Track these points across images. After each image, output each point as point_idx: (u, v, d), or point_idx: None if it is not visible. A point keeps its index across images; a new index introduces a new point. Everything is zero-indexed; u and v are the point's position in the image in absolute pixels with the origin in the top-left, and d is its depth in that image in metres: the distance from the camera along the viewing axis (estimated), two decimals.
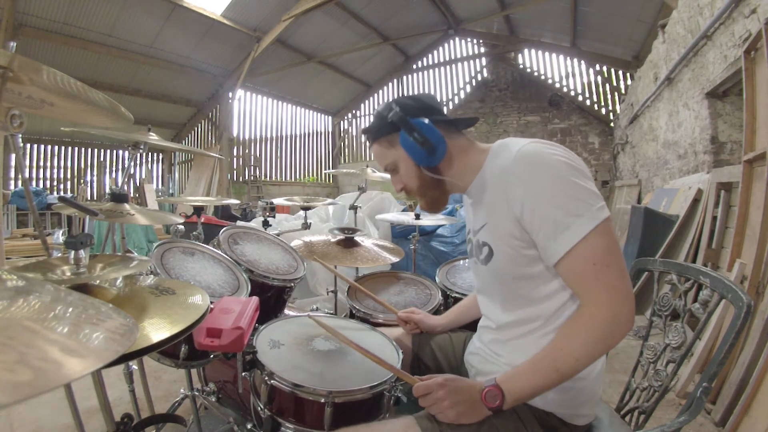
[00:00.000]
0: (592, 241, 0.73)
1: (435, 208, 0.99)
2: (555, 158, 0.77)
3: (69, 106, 1.03)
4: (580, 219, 0.73)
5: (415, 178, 0.95)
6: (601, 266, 0.73)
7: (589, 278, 0.74)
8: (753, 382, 1.61)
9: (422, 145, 0.88)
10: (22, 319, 0.37)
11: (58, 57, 7.28)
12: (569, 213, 0.74)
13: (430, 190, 0.95)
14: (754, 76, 2.32)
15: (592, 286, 0.74)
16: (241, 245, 1.45)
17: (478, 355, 0.98)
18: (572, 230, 0.73)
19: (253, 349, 0.93)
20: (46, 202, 7.59)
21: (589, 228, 0.73)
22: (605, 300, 0.73)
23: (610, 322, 0.73)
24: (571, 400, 0.83)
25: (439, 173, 0.93)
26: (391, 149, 0.95)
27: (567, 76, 9.95)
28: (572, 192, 0.75)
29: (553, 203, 0.75)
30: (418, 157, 0.90)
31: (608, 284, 0.73)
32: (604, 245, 0.73)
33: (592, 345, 0.73)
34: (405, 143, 0.90)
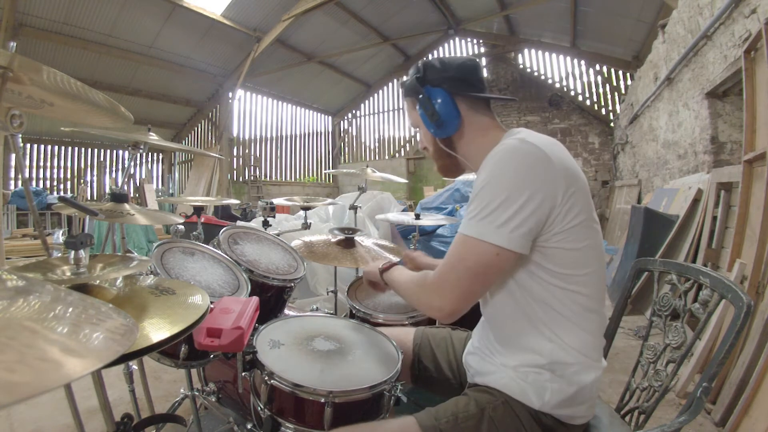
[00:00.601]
0: (467, 245, 0.79)
1: (447, 175, 1.03)
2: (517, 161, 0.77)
3: (69, 106, 1.03)
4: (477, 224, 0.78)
5: (430, 142, 0.98)
6: (457, 264, 0.80)
7: (447, 259, 0.82)
8: (753, 382, 1.61)
9: (430, 117, 0.89)
10: (22, 319, 0.37)
11: (58, 57, 7.28)
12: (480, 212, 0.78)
13: (441, 158, 0.98)
14: (754, 76, 2.32)
15: (443, 264, 0.82)
16: (241, 245, 1.45)
17: (476, 354, 0.98)
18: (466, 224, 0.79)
19: (253, 349, 0.93)
20: (46, 202, 7.60)
21: (470, 234, 0.78)
22: (435, 283, 0.83)
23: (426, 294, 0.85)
24: (569, 400, 0.83)
25: (451, 147, 0.94)
26: (413, 111, 0.97)
27: (567, 76, 9.95)
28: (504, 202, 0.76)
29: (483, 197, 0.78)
30: (428, 126, 0.92)
31: (445, 277, 0.81)
32: (472, 259, 0.78)
33: (410, 294, 0.92)
34: (421, 110, 0.92)
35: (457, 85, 0.90)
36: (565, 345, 0.82)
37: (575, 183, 0.79)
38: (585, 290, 0.82)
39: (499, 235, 0.75)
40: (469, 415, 0.83)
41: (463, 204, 3.71)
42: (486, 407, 0.84)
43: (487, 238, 0.76)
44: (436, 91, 0.89)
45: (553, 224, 0.77)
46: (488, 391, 0.87)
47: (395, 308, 1.50)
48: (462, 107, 0.90)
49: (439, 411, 0.85)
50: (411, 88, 0.93)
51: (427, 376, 1.12)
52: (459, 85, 0.90)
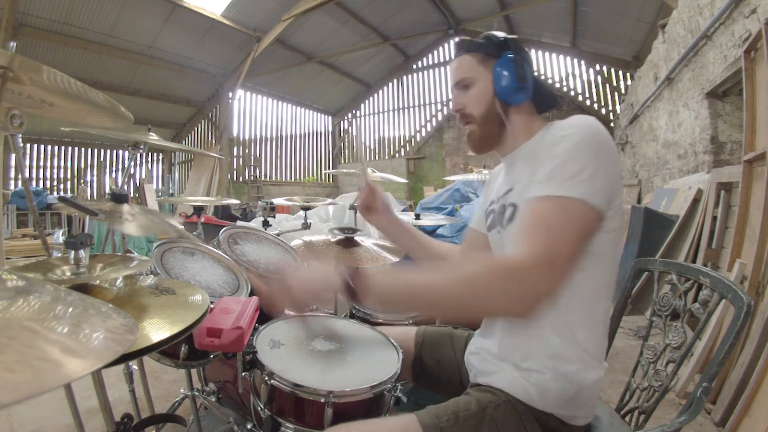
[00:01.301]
0: (570, 207, 0.72)
1: (481, 144, 0.97)
2: (606, 139, 0.78)
3: (69, 106, 1.03)
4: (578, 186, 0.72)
5: (484, 104, 0.93)
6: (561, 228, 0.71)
7: (535, 229, 0.72)
8: (753, 382, 1.61)
9: (519, 79, 0.89)
10: (22, 319, 0.37)
11: (58, 57, 7.29)
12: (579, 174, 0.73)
13: (490, 123, 0.94)
14: (754, 76, 2.32)
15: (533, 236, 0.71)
16: (241, 245, 1.45)
17: (478, 354, 0.98)
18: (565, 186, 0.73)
19: (253, 349, 0.93)
20: (46, 202, 7.60)
21: (576, 195, 0.72)
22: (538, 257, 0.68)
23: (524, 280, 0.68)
24: (571, 400, 0.83)
25: (507, 114, 0.93)
26: (479, 66, 0.93)
27: (567, 76, 9.96)
28: (598, 167, 0.74)
29: (576, 159, 0.75)
30: (504, 87, 0.90)
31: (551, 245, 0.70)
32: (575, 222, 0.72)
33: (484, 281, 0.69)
34: (501, 68, 0.90)
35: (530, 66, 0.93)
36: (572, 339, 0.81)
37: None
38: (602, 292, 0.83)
39: (598, 198, 0.73)
40: (470, 414, 0.82)
41: (464, 204, 3.71)
42: (487, 406, 0.83)
43: (593, 199, 0.72)
44: (525, 59, 0.91)
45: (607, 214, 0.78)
46: (490, 390, 0.87)
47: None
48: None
49: (440, 410, 0.85)
50: (498, 44, 0.92)
51: (429, 375, 1.12)
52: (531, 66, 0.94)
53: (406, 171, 12.17)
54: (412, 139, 12.81)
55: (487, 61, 0.93)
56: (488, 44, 0.93)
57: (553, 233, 0.70)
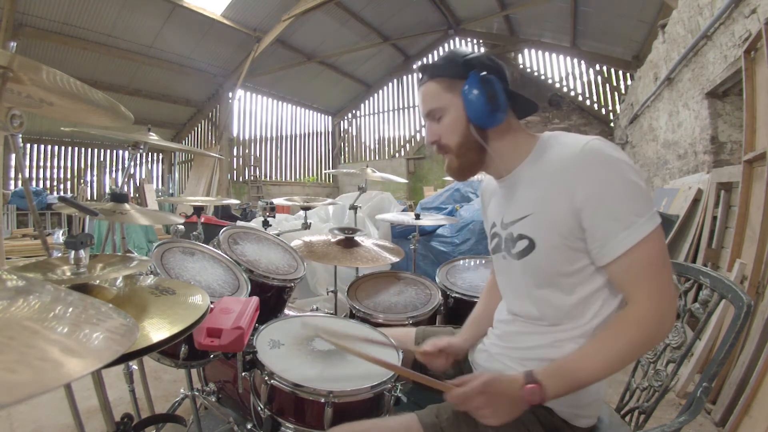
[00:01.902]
0: (651, 242, 0.74)
1: (463, 174, 0.91)
2: (621, 158, 0.77)
3: (69, 105, 1.03)
4: (642, 219, 0.74)
5: (458, 133, 0.87)
6: (657, 266, 0.74)
7: (643, 278, 0.74)
8: (753, 382, 1.61)
9: (490, 100, 0.81)
10: (22, 319, 0.37)
11: (58, 57, 7.28)
12: (633, 212, 0.74)
13: (469, 152, 0.88)
14: (754, 76, 2.32)
15: (645, 286, 0.74)
16: (241, 245, 1.45)
17: (486, 351, 0.97)
18: (634, 229, 0.73)
19: (253, 349, 0.93)
20: (46, 202, 7.59)
21: (650, 229, 0.73)
22: (656, 300, 0.73)
23: (658, 322, 0.73)
24: (574, 400, 0.82)
25: (486, 140, 0.87)
26: (447, 93, 0.86)
27: (567, 76, 9.96)
28: (637, 194, 0.75)
29: (619, 201, 0.75)
30: (477, 112, 0.83)
31: (661, 284, 0.74)
32: (660, 247, 0.75)
33: (638, 345, 0.74)
34: (469, 92, 0.83)
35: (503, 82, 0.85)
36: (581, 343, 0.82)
37: None
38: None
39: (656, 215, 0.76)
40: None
41: (464, 204, 3.71)
42: None
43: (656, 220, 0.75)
44: (493, 77, 0.83)
45: None
46: None
47: (395, 308, 1.50)
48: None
49: (440, 409, 0.85)
50: (460, 68, 0.84)
51: (429, 374, 1.12)
52: (503, 79, 0.86)
53: (406, 171, 12.17)
54: (412, 139, 12.81)
55: (454, 86, 0.86)
56: (451, 66, 0.86)
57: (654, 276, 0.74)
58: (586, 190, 0.76)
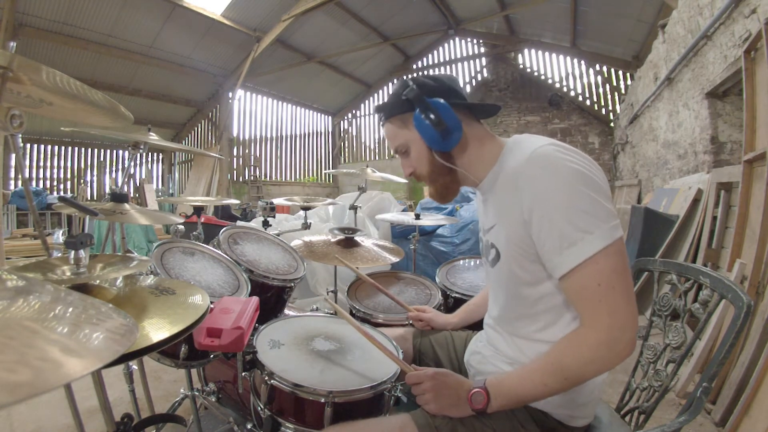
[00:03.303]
0: (600, 260, 0.69)
1: (444, 198, 0.94)
2: (571, 166, 0.72)
3: (68, 105, 1.03)
4: (590, 236, 0.69)
5: (426, 162, 0.90)
6: (606, 288, 0.70)
7: (591, 299, 0.70)
8: (753, 382, 1.61)
9: (436, 126, 0.82)
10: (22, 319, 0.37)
11: (58, 57, 7.28)
12: (578, 228, 0.70)
13: (441, 177, 0.90)
14: (754, 76, 2.32)
15: (593, 307, 0.71)
16: (241, 245, 1.45)
17: (479, 353, 0.98)
18: (579, 247, 0.70)
19: (253, 349, 0.93)
20: (46, 202, 7.59)
21: (599, 247, 0.69)
22: (606, 324, 0.70)
23: (606, 347, 0.70)
24: (569, 401, 0.83)
25: (452, 161, 0.88)
26: (403, 129, 0.90)
27: (567, 76, 9.96)
28: (584, 206, 0.70)
29: (562, 215, 0.71)
30: (431, 139, 0.85)
31: (611, 308, 0.70)
32: (612, 266, 0.70)
33: (583, 366, 0.72)
34: (419, 124, 0.85)
35: (450, 95, 0.86)
36: None
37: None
38: None
39: (612, 229, 0.70)
40: None
41: (464, 204, 3.71)
42: None
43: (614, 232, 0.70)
44: (436, 101, 0.83)
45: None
46: None
47: (395, 308, 1.50)
48: (460, 116, 0.86)
49: None
50: (405, 103, 0.87)
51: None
52: (452, 94, 0.87)
53: None
54: None
55: (407, 119, 0.88)
56: (397, 104, 0.88)
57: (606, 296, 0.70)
58: (530, 201, 0.74)
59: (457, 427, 0.80)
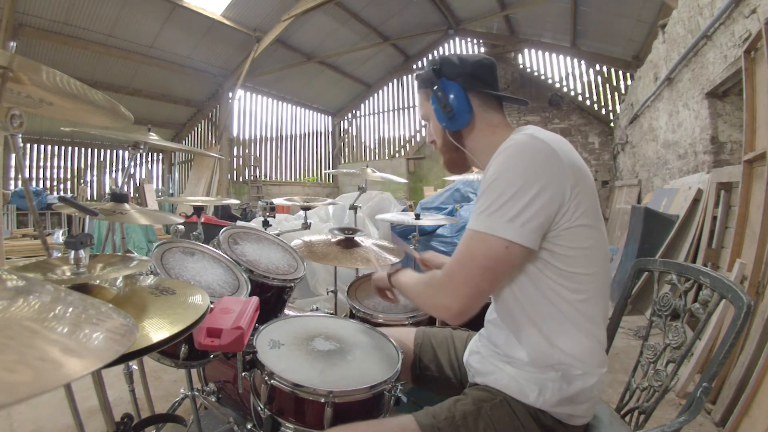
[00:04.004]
0: (476, 241, 0.78)
1: (452, 170, 1.04)
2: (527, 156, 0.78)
3: (68, 105, 1.03)
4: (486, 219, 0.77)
5: (439, 135, 0.99)
6: (465, 262, 0.79)
7: (455, 255, 0.82)
8: (753, 382, 1.61)
9: (443, 108, 0.91)
10: (22, 319, 0.37)
11: (58, 57, 7.28)
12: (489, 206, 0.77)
13: (449, 152, 0.99)
14: (754, 76, 2.32)
15: (451, 261, 0.82)
16: (241, 245, 1.45)
17: (478, 353, 0.98)
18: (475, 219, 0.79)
19: (253, 349, 0.93)
20: (46, 202, 7.59)
21: (480, 229, 0.78)
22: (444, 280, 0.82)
23: (434, 293, 0.84)
24: (568, 400, 0.83)
25: (460, 141, 0.96)
26: (426, 102, 0.98)
27: (567, 76, 9.95)
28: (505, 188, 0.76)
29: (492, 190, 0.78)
30: (439, 118, 0.94)
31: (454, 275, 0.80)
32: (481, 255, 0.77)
33: (417, 294, 0.91)
34: (432, 101, 0.94)
35: (471, 82, 0.91)
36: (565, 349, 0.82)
37: (583, 181, 0.79)
38: (590, 291, 0.81)
39: (510, 229, 0.75)
40: (466, 413, 0.83)
41: (464, 204, 3.71)
42: (483, 405, 0.84)
43: (497, 232, 0.75)
44: (451, 84, 0.91)
45: (561, 220, 0.77)
46: (487, 390, 0.88)
47: (395, 308, 1.50)
48: (474, 103, 0.92)
49: (437, 410, 0.85)
50: (426, 79, 0.95)
51: (428, 375, 1.12)
52: (473, 81, 0.92)
53: (406, 171, 12.16)
54: (412, 139, 12.80)
55: (429, 94, 0.96)
56: (426, 77, 0.95)
57: (460, 260, 0.80)
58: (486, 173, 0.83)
59: (459, 427, 0.80)
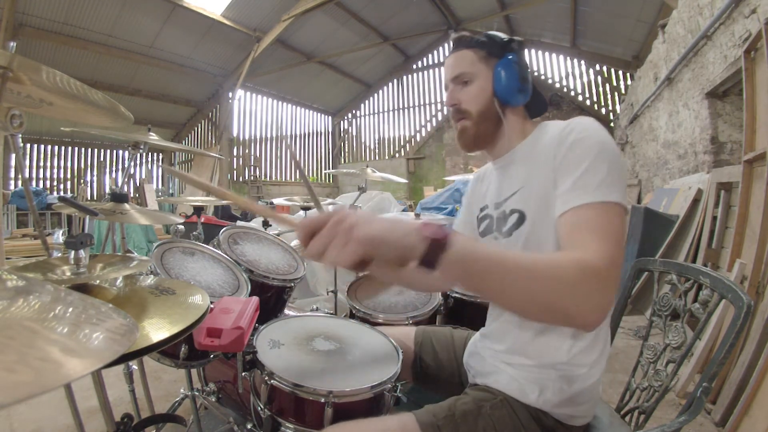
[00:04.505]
0: (612, 210, 0.70)
1: (474, 144, 0.95)
2: (605, 134, 0.78)
3: (68, 105, 1.03)
4: (614, 187, 0.71)
5: (481, 103, 0.91)
6: (607, 230, 0.68)
7: (590, 229, 0.68)
8: (753, 382, 1.61)
9: (521, 80, 0.89)
10: (22, 319, 0.37)
11: (58, 57, 7.29)
12: (607, 176, 0.71)
13: (486, 122, 0.92)
14: (754, 76, 2.32)
15: (589, 235, 0.67)
16: (241, 245, 1.45)
17: (478, 354, 0.98)
18: (607, 192, 0.70)
19: (253, 349, 0.93)
20: (46, 202, 7.59)
21: (617, 200, 0.70)
22: (595, 250, 0.64)
23: (582, 273, 0.60)
24: (569, 400, 0.82)
25: (505, 115, 0.93)
26: (480, 64, 0.92)
27: (567, 76, 9.96)
28: (616, 166, 0.74)
29: (597, 159, 0.73)
30: (506, 88, 0.89)
31: (605, 241, 0.65)
32: (621, 226, 0.70)
33: (548, 281, 0.59)
34: (504, 68, 0.89)
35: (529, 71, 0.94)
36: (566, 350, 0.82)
37: None
38: None
39: (625, 199, 0.73)
40: (466, 413, 0.83)
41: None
42: (483, 405, 0.84)
43: (623, 201, 0.72)
44: (524, 63, 0.91)
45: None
46: (488, 390, 0.88)
47: (395, 308, 1.50)
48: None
49: (437, 408, 0.85)
50: (501, 45, 0.92)
51: (429, 375, 1.12)
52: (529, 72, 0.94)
53: (406, 171, 12.17)
54: (412, 139, 12.81)
55: (489, 60, 0.92)
56: (491, 43, 0.92)
57: (610, 238, 0.66)
58: (570, 144, 0.78)
59: (459, 426, 0.80)
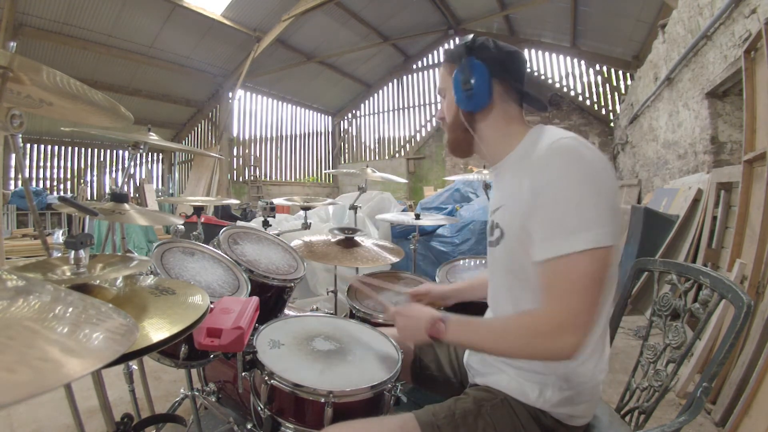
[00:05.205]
0: (585, 259, 0.70)
1: (455, 151, 1.00)
2: (588, 163, 0.74)
3: (68, 105, 1.03)
4: (585, 233, 0.70)
5: (451, 113, 0.96)
6: (578, 286, 0.70)
7: (561, 287, 0.71)
8: (753, 382, 1.61)
9: (463, 85, 0.88)
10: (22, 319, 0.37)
11: (58, 57, 7.29)
12: (578, 221, 0.70)
13: (457, 131, 0.96)
14: (754, 76, 2.32)
15: (560, 295, 0.71)
16: (241, 245, 1.45)
17: (478, 355, 0.98)
18: (571, 240, 0.70)
19: (253, 349, 0.93)
20: (46, 202, 7.60)
21: (589, 246, 0.69)
22: (563, 313, 0.71)
23: (551, 334, 0.71)
24: (568, 400, 0.83)
25: (472, 124, 0.93)
26: (447, 77, 0.96)
27: (567, 76, 9.95)
28: (590, 204, 0.71)
29: (567, 205, 0.71)
30: (456, 96, 0.91)
31: (574, 303, 0.70)
32: (592, 271, 0.70)
33: (519, 348, 0.75)
34: (454, 77, 0.91)
35: (499, 68, 0.90)
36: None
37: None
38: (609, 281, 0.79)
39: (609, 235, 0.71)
40: (466, 412, 0.83)
41: (464, 204, 3.71)
42: (483, 405, 0.84)
43: (602, 242, 0.70)
44: (478, 64, 0.88)
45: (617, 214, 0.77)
46: (488, 390, 0.88)
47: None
48: (496, 89, 0.90)
49: (437, 408, 0.85)
50: (455, 53, 0.93)
51: (428, 375, 1.12)
52: (501, 69, 0.90)
53: (406, 171, 12.16)
54: (412, 139, 12.81)
55: (452, 69, 0.94)
56: (455, 51, 0.94)
57: (573, 289, 0.70)
58: (542, 186, 0.75)
59: (459, 425, 0.80)
